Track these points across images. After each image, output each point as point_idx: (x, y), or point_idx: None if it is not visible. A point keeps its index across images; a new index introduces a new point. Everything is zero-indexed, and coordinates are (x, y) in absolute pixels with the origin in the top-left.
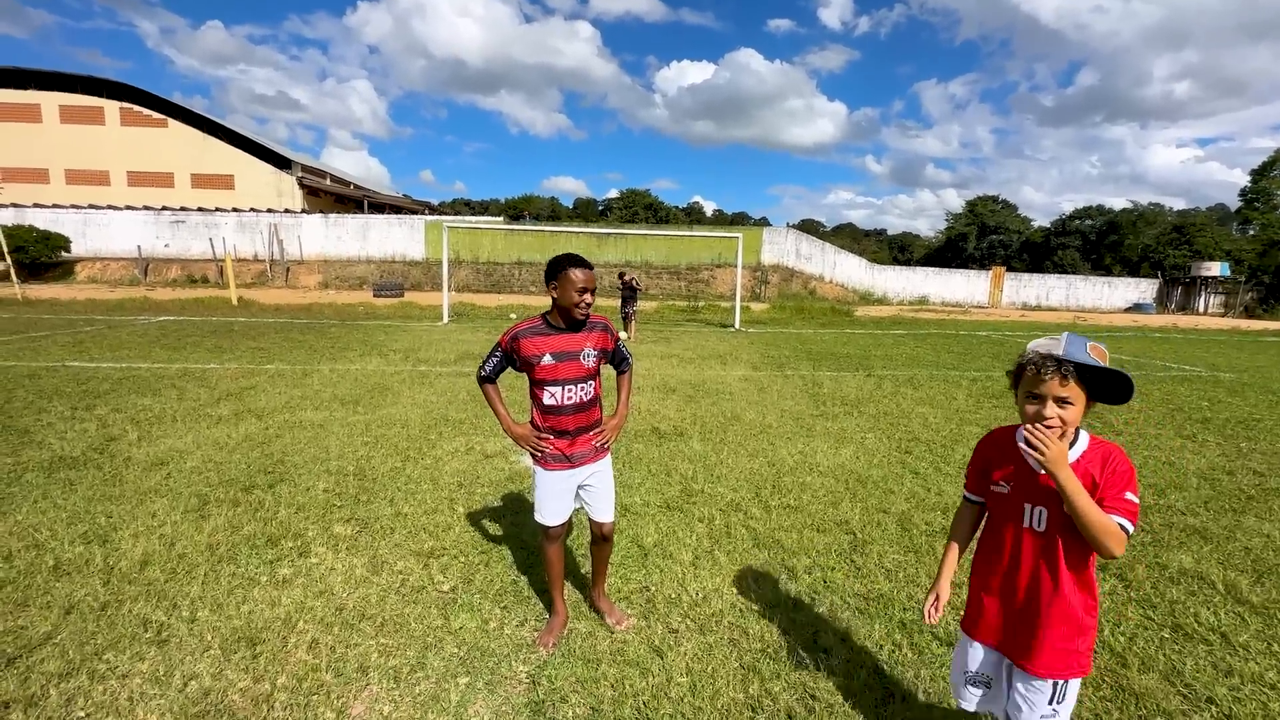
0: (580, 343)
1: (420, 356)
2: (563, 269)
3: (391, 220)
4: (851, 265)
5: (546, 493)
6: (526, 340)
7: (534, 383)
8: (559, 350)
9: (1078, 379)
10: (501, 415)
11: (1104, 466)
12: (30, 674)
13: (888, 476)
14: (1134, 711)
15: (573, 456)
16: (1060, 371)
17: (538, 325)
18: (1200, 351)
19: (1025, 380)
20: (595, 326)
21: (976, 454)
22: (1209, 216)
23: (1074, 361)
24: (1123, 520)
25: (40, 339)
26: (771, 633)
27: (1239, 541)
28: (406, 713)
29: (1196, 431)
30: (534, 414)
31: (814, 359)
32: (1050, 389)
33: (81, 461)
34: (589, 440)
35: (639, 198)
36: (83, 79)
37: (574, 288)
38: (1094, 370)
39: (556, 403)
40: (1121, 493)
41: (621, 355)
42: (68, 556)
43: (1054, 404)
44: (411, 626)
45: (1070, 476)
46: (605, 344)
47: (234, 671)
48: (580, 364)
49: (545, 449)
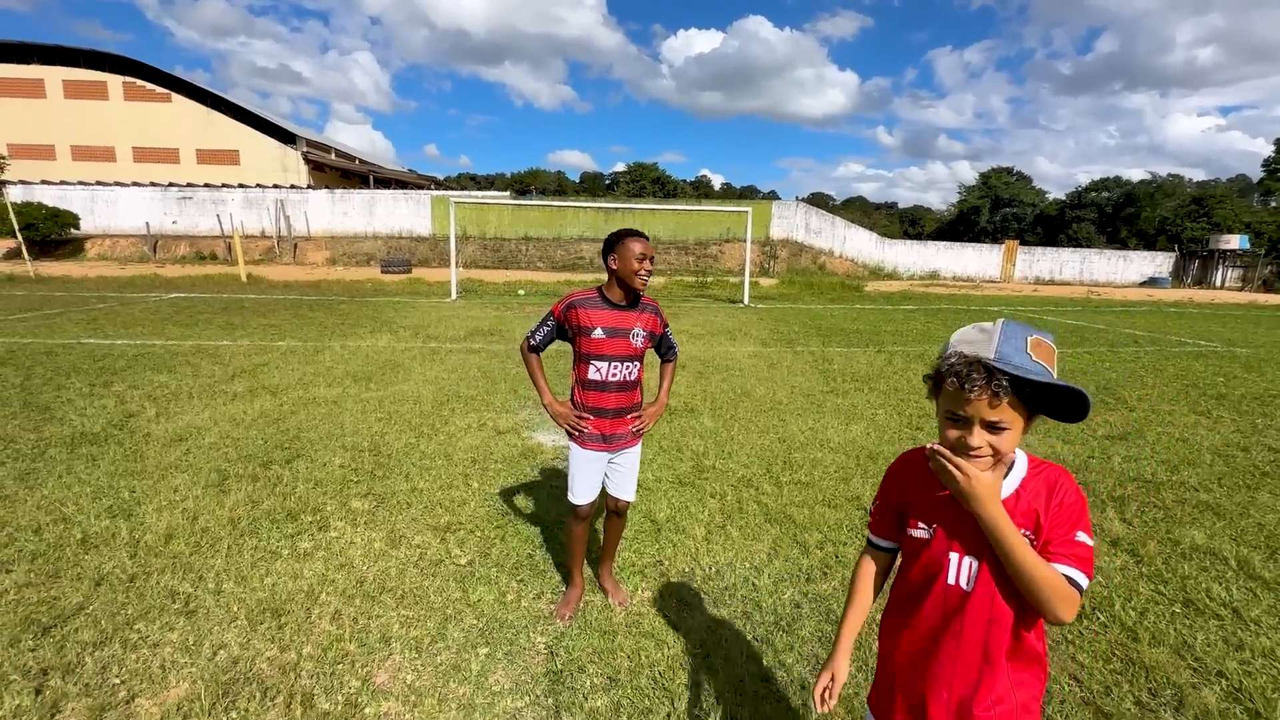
0: (631, 321)
1: (430, 333)
2: (621, 239)
3: (397, 196)
4: (862, 239)
5: (581, 471)
6: (583, 310)
7: (580, 356)
8: (611, 326)
9: (1015, 394)
10: (542, 389)
11: (1049, 499)
12: (66, 643)
13: (899, 452)
14: (1143, 684)
15: (611, 438)
16: (990, 387)
17: (594, 297)
18: (1216, 326)
19: (945, 395)
20: (647, 308)
21: (886, 483)
22: (1229, 188)
23: (1010, 372)
24: (1072, 571)
25: (55, 316)
26: (784, 606)
27: (1252, 518)
28: (429, 681)
29: (1211, 407)
30: (575, 391)
31: (824, 335)
32: (978, 410)
33: (102, 437)
34: (627, 423)
35: (646, 171)
36: (85, 52)
37: (633, 256)
38: (1037, 384)
39: (601, 378)
40: (1071, 533)
41: (669, 343)
42: (94, 530)
43: (982, 429)
44: (431, 599)
45: (1001, 516)
46: (655, 327)
47: (261, 641)
48: (629, 343)
49: (584, 428)
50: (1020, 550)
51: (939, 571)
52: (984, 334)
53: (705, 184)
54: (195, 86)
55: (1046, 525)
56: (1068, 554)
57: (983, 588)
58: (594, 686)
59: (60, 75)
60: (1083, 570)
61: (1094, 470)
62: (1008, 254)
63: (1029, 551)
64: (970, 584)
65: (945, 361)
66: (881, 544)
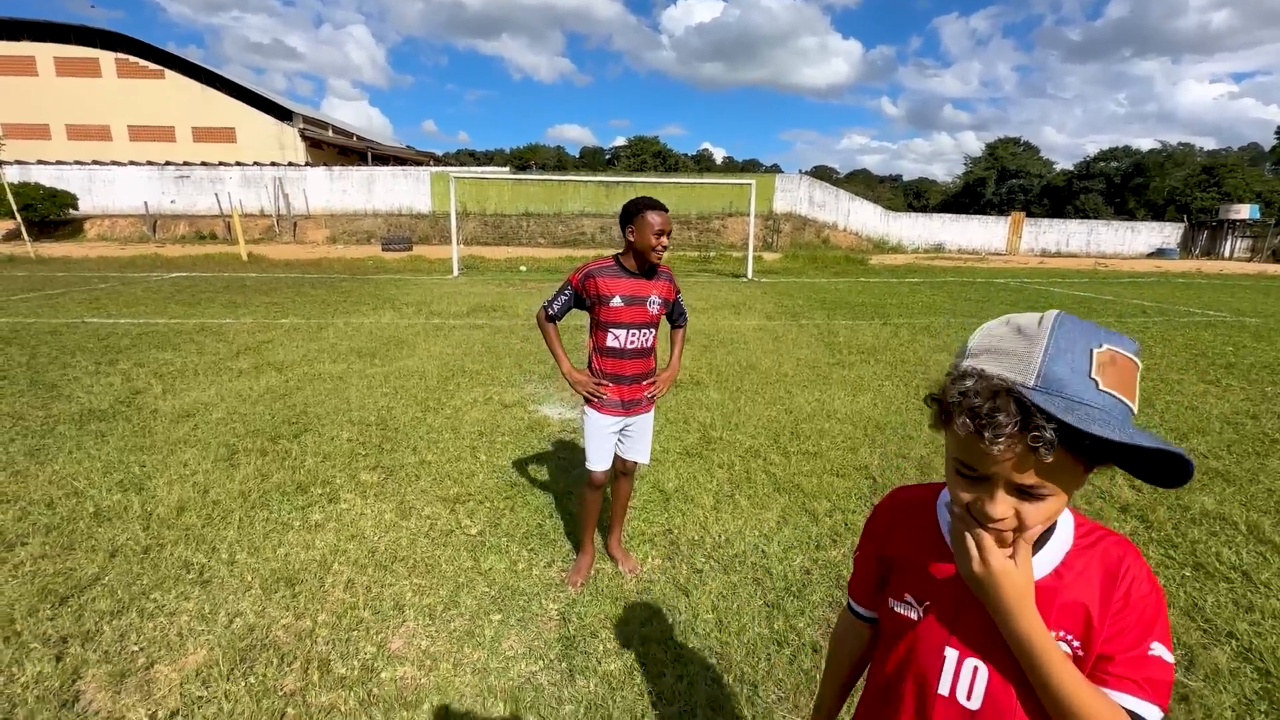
0: (649, 289)
1: (433, 309)
2: (640, 211)
3: (396, 172)
4: (866, 212)
5: (596, 436)
6: (601, 279)
7: (598, 324)
8: (629, 294)
9: (1068, 446)
10: (560, 357)
11: (1108, 589)
12: (84, 611)
13: (906, 423)
14: None
15: (629, 403)
16: (1026, 438)
17: (611, 266)
18: (1225, 296)
19: (954, 436)
20: (662, 275)
21: (870, 527)
22: (1240, 157)
23: (1059, 416)
24: (1140, 705)
25: (57, 296)
26: (794, 572)
27: (1262, 484)
28: (443, 647)
29: (1220, 376)
30: (593, 359)
31: (828, 308)
32: (1003, 470)
33: (110, 414)
34: (643, 389)
35: (647, 145)
36: (75, 28)
37: (651, 230)
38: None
39: (619, 345)
40: (1142, 647)
41: (680, 309)
42: (107, 504)
43: (1008, 493)
44: (443, 568)
45: (1033, 624)
46: (669, 294)
47: (276, 609)
48: (646, 309)
49: (603, 395)
50: (1059, 670)
51: (929, 674)
52: (1023, 340)
53: (707, 158)
54: (189, 63)
55: (1103, 631)
56: (1136, 678)
57: (992, 708)
58: (607, 651)
59: (51, 52)
60: (1156, 702)
61: None
62: (1014, 226)
63: (1071, 672)
64: (976, 700)
65: (957, 385)
66: (861, 612)
